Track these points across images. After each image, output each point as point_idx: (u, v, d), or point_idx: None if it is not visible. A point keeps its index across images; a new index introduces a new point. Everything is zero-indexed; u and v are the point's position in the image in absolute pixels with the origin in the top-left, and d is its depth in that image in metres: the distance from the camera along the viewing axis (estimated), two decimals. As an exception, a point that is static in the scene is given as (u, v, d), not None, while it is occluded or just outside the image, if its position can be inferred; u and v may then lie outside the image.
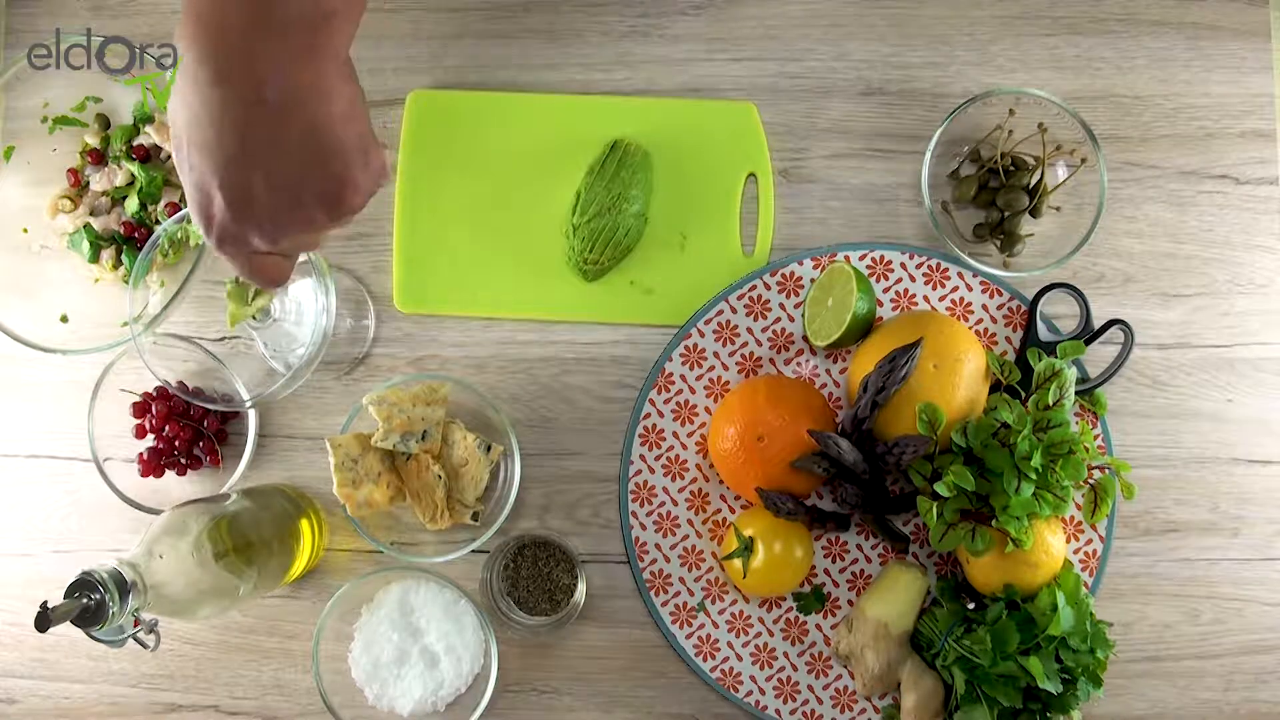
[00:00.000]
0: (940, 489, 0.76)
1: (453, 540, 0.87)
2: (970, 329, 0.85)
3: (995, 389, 0.84)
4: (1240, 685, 0.87)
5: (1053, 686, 0.76)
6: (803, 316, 0.87)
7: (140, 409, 0.88)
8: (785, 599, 0.87)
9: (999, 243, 0.87)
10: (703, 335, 0.87)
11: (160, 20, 0.91)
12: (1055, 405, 0.79)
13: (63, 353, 0.84)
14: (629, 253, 0.88)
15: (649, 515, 0.87)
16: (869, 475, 0.81)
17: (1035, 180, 0.86)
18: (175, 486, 0.88)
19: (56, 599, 0.64)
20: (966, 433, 0.79)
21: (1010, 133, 0.86)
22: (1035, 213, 0.87)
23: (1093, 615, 0.80)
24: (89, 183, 0.90)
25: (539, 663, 0.88)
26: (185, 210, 0.80)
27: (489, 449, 0.86)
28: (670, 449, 0.87)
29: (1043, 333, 0.85)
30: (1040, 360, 0.81)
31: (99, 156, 0.90)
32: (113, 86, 0.89)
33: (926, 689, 0.82)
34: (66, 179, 0.90)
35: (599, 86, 0.90)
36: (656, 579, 0.87)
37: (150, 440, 0.88)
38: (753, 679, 0.86)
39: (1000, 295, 0.87)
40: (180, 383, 0.84)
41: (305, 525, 0.85)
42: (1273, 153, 0.88)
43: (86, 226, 0.89)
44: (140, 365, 0.81)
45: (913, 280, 0.87)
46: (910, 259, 0.87)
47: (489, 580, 0.85)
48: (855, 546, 0.87)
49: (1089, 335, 0.85)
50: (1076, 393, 0.82)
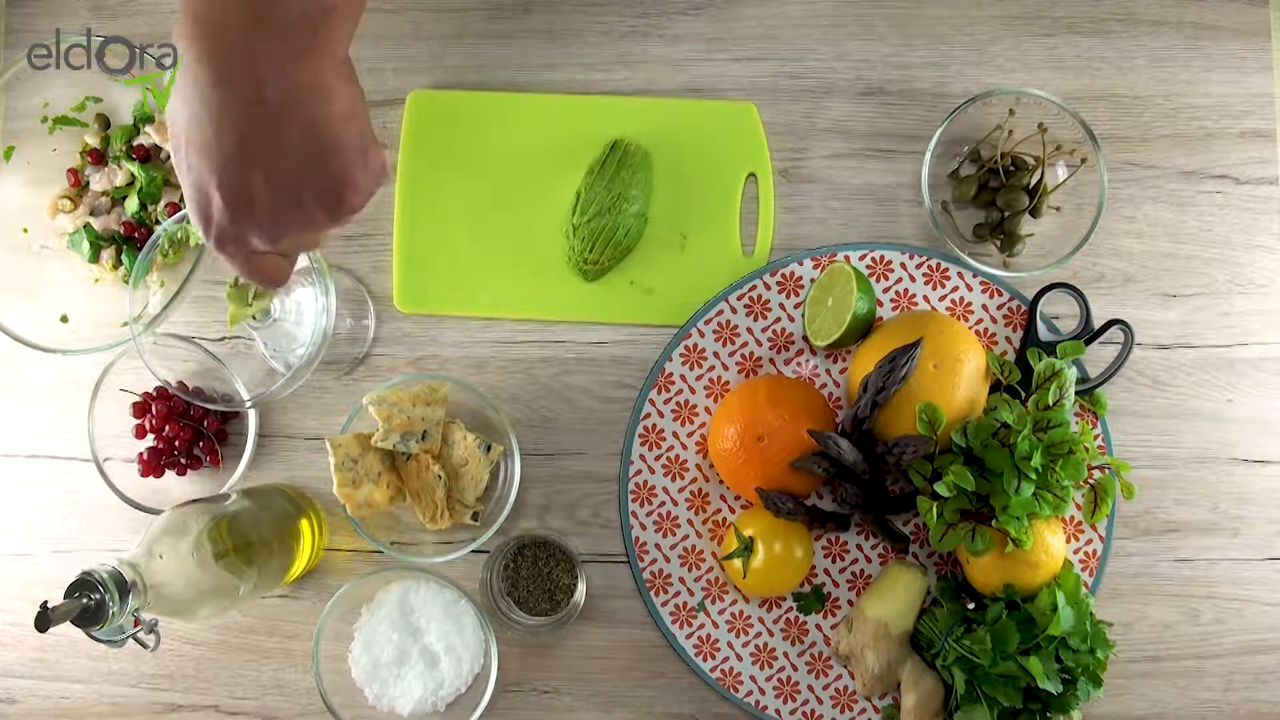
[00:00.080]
0: (940, 489, 0.76)
1: (453, 540, 0.87)
2: (970, 329, 0.85)
3: (995, 389, 0.84)
4: (1240, 685, 0.87)
5: (1053, 686, 0.76)
6: (803, 316, 0.87)
7: (140, 409, 0.88)
8: (785, 599, 0.87)
9: (999, 243, 0.87)
10: (703, 335, 0.87)
11: (160, 20, 0.91)
12: (1055, 405, 0.79)
13: (63, 353, 0.84)
14: (629, 253, 0.88)
15: (649, 515, 0.87)
16: (869, 475, 0.81)
17: (1035, 180, 0.86)
18: (175, 486, 0.88)
19: (56, 599, 0.64)
20: (966, 433, 0.79)
21: (1010, 133, 0.86)
22: (1035, 213, 0.87)
23: (1093, 615, 0.80)
24: (89, 183, 0.90)
25: (539, 663, 0.88)
26: (185, 210, 0.80)
27: (489, 449, 0.86)
28: (670, 449, 0.87)
29: (1043, 333, 0.85)
30: (1040, 360, 0.81)
31: (99, 156, 0.90)
32: (113, 86, 0.89)
33: (926, 689, 0.82)
34: (66, 179, 0.90)
35: (599, 86, 0.90)
36: (656, 579, 0.87)
37: (150, 440, 0.88)
38: (753, 679, 0.86)
39: (1000, 295, 0.87)
40: (180, 383, 0.84)
41: (305, 525, 0.85)
42: (1273, 153, 0.88)
43: (86, 226, 0.89)
44: (140, 365, 0.81)
45: (913, 280, 0.87)
46: (910, 259, 0.87)
47: (489, 580, 0.85)
48: (855, 546, 0.87)
49: (1089, 335, 0.85)
50: (1076, 393, 0.82)
